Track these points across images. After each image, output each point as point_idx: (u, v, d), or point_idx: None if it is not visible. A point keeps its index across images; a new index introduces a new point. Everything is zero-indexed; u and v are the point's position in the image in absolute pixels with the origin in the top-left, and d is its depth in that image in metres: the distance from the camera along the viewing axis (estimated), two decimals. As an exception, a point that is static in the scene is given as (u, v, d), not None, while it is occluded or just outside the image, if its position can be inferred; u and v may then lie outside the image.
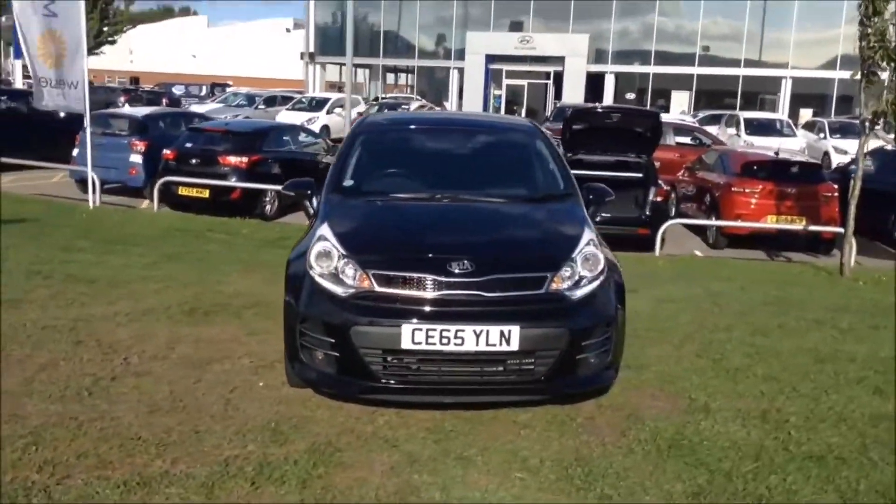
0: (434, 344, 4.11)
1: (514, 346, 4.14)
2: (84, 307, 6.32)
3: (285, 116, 27.67)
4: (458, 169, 5.60)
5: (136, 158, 14.47)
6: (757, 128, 24.88)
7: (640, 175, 12.47)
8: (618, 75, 38.61)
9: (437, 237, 4.62)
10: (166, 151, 13.53)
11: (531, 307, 4.25)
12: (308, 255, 4.45)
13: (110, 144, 14.52)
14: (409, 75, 46.47)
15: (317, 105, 29.34)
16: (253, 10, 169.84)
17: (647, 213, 12.00)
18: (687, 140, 19.68)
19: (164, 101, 43.33)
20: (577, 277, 4.41)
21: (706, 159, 14.86)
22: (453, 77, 37.92)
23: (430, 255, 4.33)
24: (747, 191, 12.73)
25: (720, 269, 10.06)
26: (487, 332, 4.10)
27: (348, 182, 5.31)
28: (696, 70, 37.89)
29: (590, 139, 12.77)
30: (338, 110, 28.38)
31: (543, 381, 4.25)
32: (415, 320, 4.11)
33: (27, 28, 12.58)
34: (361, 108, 30.05)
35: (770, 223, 12.32)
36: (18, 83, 35.87)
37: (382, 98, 36.83)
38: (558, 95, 34.74)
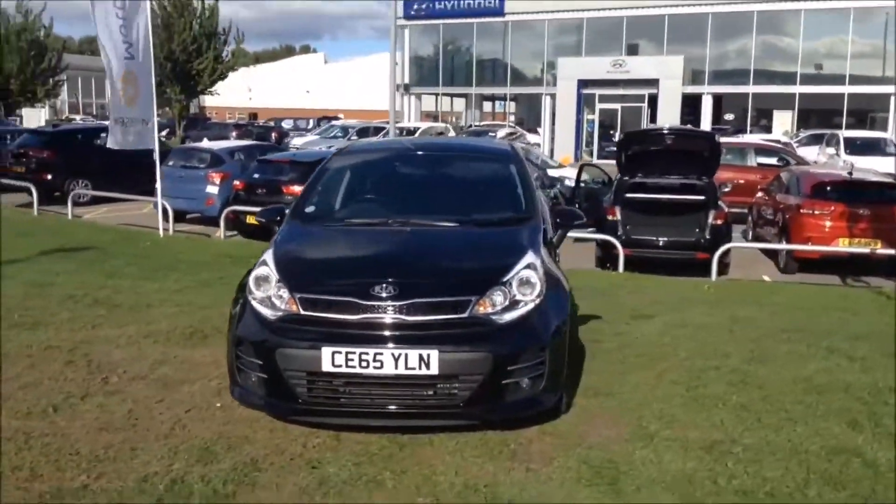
0: (354, 367, 4.15)
1: (434, 370, 4.13)
2: (94, 330, 6.65)
3: (370, 145, 28.29)
4: (420, 194, 5.64)
5: (213, 189, 15.24)
6: (859, 147, 23.76)
7: (702, 197, 12.17)
8: (715, 96, 37.61)
9: (369, 262, 4.68)
10: (236, 182, 14.27)
11: (452, 331, 4.23)
12: (248, 280, 4.58)
13: (189, 177, 15.42)
14: (508, 103, 46.69)
15: (405, 134, 29.89)
16: (370, 45, 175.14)
17: (707, 236, 11.69)
18: (772, 161, 19.01)
19: (273, 134, 45.20)
20: (507, 302, 4.37)
21: (782, 180, 14.32)
22: (545, 103, 37.84)
23: (356, 279, 4.39)
24: (817, 212, 12.17)
25: (772, 294, 9.64)
26: (406, 355, 4.12)
27: (310, 208, 5.43)
28: (798, 89, 36.47)
29: (646, 162, 12.58)
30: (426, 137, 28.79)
31: (466, 406, 4.21)
32: (335, 343, 4.16)
33: (110, 70, 13.30)
34: (451, 135, 30.42)
35: (841, 246, 11.75)
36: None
37: (476, 126, 37.17)
38: (653, 118, 34.14)
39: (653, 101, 34.87)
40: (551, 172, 18.34)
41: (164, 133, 53.34)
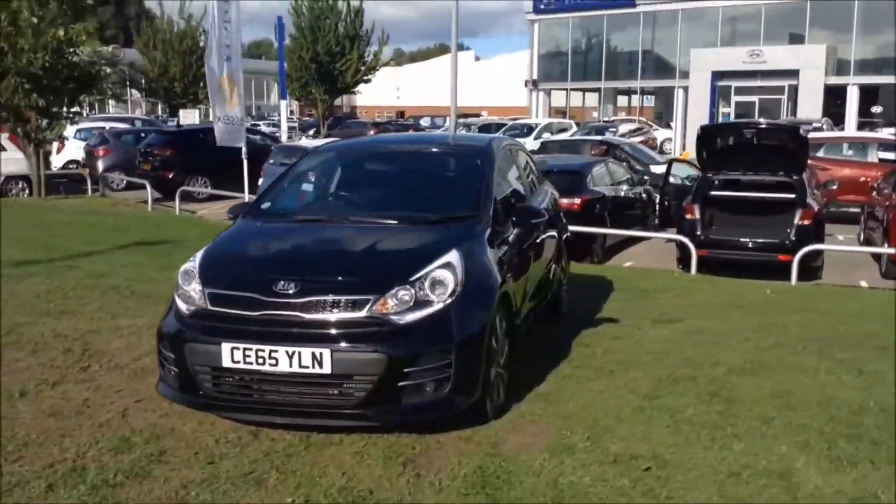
0: (251, 363, 4.18)
1: (327, 369, 4.11)
2: (111, 320, 7.00)
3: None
4: (375, 192, 5.62)
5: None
6: None
7: (791, 196, 11.46)
8: (864, 87, 35.08)
9: (283, 259, 4.70)
10: None
11: (347, 330, 4.19)
12: (176, 276, 4.70)
13: (289, 173, 15.89)
14: (642, 96, 45.46)
15: (527, 131, 29.69)
16: (521, 42, 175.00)
17: (792, 237, 10.99)
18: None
19: (410, 131, 46.25)
20: (412, 301, 4.27)
21: (892, 177, 13.23)
22: (678, 96, 36.57)
23: (263, 276, 4.41)
24: (918, 213, 11.20)
25: (843, 301, 8.95)
26: (300, 353, 4.11)
27: (266, 205, 5.51)
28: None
29: (730, 158, 11.96)
30: (546, 135, 28.47)
31: (361, 407, 4.16)
32: (235, 339, 4.20)
33: (212, 71, 13.97)
34: (572, 131, 29.94)
35: (943, 249, 10.74)
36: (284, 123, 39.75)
37: (603, 121, 36.43)
38: (794, 111, 32.31)
39: (793, 92, 32.97)
40: (656, 169, 17.68)
41: (311, 132, 55.63)
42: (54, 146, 22.13)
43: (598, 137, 21.14)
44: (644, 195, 14.94)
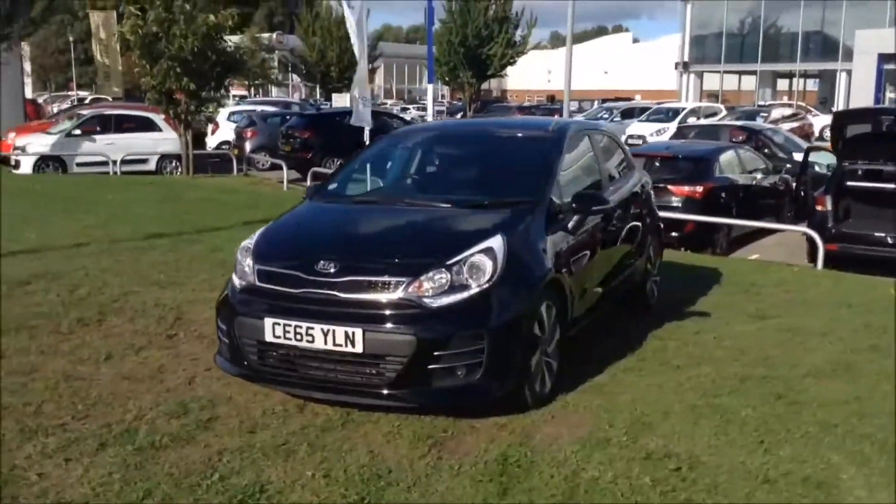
0: (290, 339, 4.32)
1: (359, 348, 4.19)
2: (210, 291, 7.20)
3: (635, 128, 27.62)
4: (441, 175, 5.65)
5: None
6: None
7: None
8: None
9: (329, 238, 4.79)
10: None
11: (380, 311, 4.24)
12: (236, 253, 4.91)
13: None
14: (799, 80, 42.94)
15: (672, 115, 28.72)
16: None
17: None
18: None
19: (556, 115, 45.80)
20: (447, 285, 4.27)
21: None
22: (840, 80, 34.33)
23: (308, 254, 4.52)
24: None
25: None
26: (334, 331, 4.21)
27: (333, 185, 5.63)
28: None
29: (870, 146, 11.16)
30: (691, 120, 27.48)
31: (392, 387, 4.21)
32: (276, 315, 4.35)
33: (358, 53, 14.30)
34: (721, 115, 28.73)
35: None
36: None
37: (759, 105, 34.69)
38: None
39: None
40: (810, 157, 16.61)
41: (458, 116, 56.14)
42: (209, 128, 23.47)
43: (738, 123, 20.14)
44: (780, 185, 14.17)
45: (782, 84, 45.90)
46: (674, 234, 11.78)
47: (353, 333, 4.17)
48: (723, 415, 4.53)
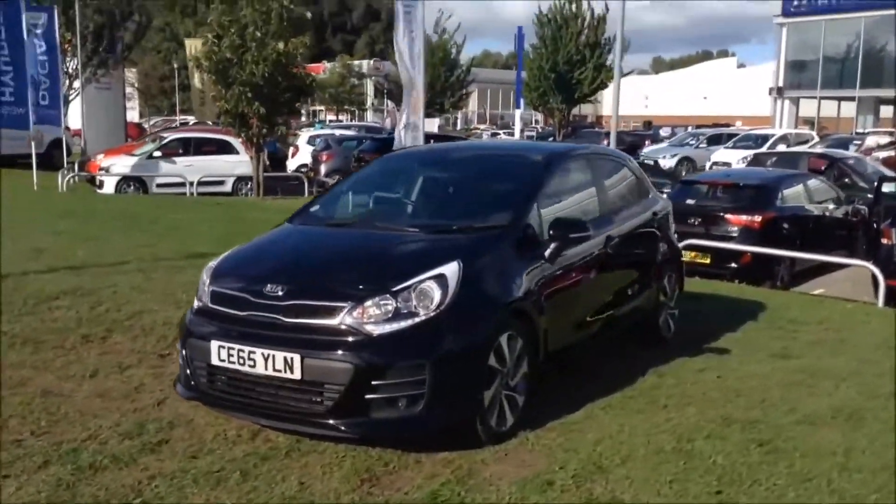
0: (234, 363, 4.25)
1: (297, 374, 4.08)
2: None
3: (721, 155, 26.82)
4: (416, 198, 5.51)
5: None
6: None
7: None
8: None
9: (284, 262, 4.70)
10: None
11: (319, 337, 4.13)
12: (202, 273, 4.89)
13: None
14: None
15: (760, 142, 27.77)
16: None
17: None
18: None
19: (646, 142, 45.06)
20: (391, 312, 4.13)
21: None
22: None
23: (257, 277, 4.45)
24: None
25: None
26: (274, 356, 4.12)
27: (315, 207, 5.56)
28: None
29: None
30: (780, 147, 26.51)
31: (330, 416, 4.08)
32: (222, 338, 4.29)
33: (406, 81, 14.43)
34: (814, 141, 27.61)
35: None
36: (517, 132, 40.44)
37: (861, 132, 33.15)
38: None
39: None
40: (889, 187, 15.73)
41: (549, 140, 55.74)
42: (289, 151, 24.00)
43: (818, 151, 19.27)
44: (854, 216, 13.42)
45: (886, 111, 43.75)
46: (733, 265, 11.32)
47: (292, 359, 4.07)
48: (689, 461, 4.21)
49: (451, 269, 4.30)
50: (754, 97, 70.50)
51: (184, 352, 4.57)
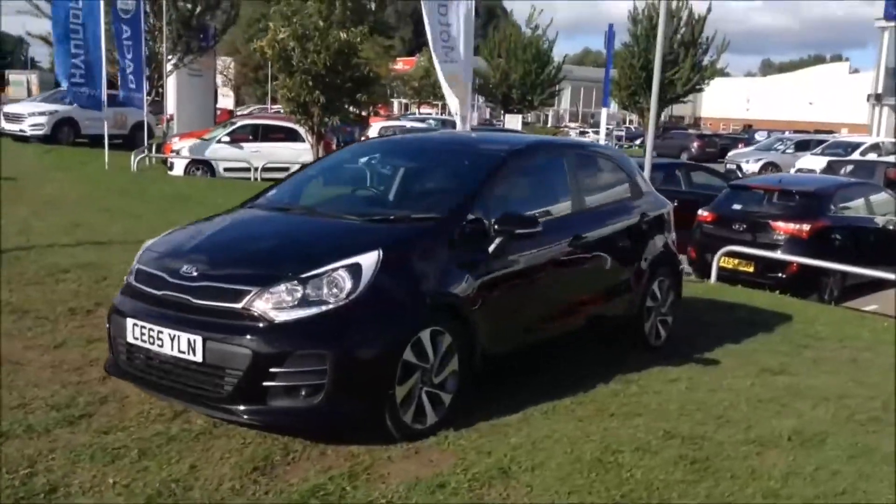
0: (146, 342, 4.22)
1: (199, 357, 4.02)
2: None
3: (806, 161, 25.75)
4: (365, 187, 5.39)
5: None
6: None
7: None
8: None
9: (208, 243, 4.63)
10: (703, 213, 11.67)
11: (222, 321, 4.04)
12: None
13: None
14: None
15: (850, 150, 26.48)
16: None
17: None
18: None
19: (739, 145, 43.71)
20: (297, 299, 4.02)
21: None
22: None
23: (178, 257, 4.41)
24: None
25: None
26: (179, 338, 4.07)
27: (272, 193, 5.49)
28: None
29: None
30: (871, 155, 25.24)
31: (229, 401, 4.00)
32: (137, 317, 4.27)
33: (442, 75, 14.26)
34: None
35: None
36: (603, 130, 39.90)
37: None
38: None
39: None
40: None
41: (637, 142, 54.87)
42: (361, 140, 24.23)
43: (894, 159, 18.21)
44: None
45: None
46: (779, 275, 10.78)
47: (195, 341, 4.01)
48: (603, 473, 3.97)
49: (368, 259, 4.15)
50: (865, 104, 67.40)
51: (108, 328, 4.57)
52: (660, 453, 4.25)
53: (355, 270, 4.10)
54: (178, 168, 20.44)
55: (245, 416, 4.02)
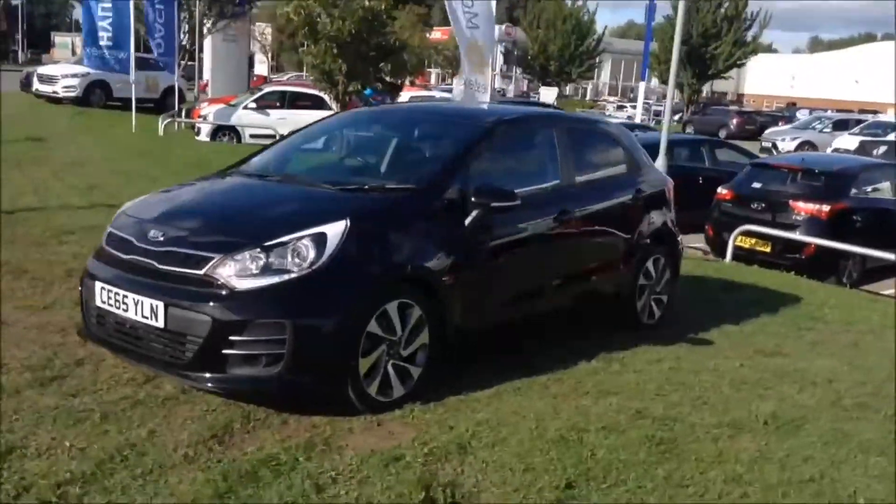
0: (112, 306, 4.22)
1: (160, 323, 4.01)
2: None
3: (843, 141, 25.15)
4: (349, 156, 5.29)
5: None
6: None
7: None
8: None
9: (176, 208, 4.61)
10: (722, 191, 11.63)
11: (184, 287, 4.03)
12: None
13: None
14: None
15: (888, 130, 25.82)
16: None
17: None
18: None
19: (780, 123, 42.86)
20: (259, 268, 3.99)
21: None
22: None
23: (148, 222, 4.39)
24: None
25: None
26: (142, 303, 4.06)
27: (256, 159, 5.44)
28: None
29: None
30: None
31: (190, 368, 3.99)
32: (104, 281, 4.27)
33: (461, 37, 14.18)
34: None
35: None
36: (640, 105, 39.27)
37: None
38: None
39: None
40: None
41: (676, 117, 54.04)
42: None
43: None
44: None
45: None
46: (796, 255, 10.55)
47: (157, 307, 4.00)
48: (563, 452, 3.90)
49: (334, 229, 4.10)
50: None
51: (80, 291, 4.59)
52: (626, 433, 4.17)
53: (320, 240, 4.05)
54: (205, 133, 20.52)
55: (209, 384, 4.01)
